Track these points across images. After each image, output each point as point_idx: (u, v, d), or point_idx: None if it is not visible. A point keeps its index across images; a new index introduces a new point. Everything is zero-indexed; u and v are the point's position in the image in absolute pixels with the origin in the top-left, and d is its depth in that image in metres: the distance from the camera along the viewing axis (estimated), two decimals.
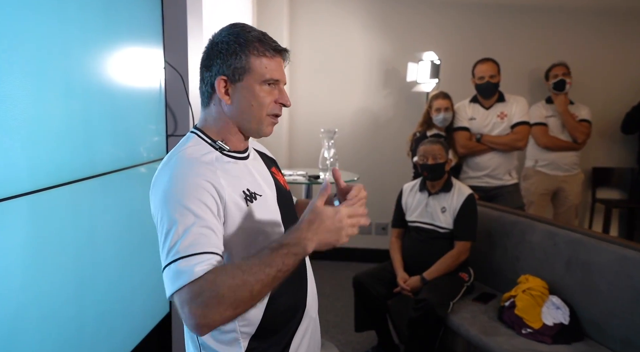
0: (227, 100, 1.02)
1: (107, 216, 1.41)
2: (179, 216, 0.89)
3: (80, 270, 1.28)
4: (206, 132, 1.05)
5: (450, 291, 2.34)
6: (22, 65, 1.06)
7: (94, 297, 1.35)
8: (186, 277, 0.84)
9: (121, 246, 1.50)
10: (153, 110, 1.68)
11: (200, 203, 0.91)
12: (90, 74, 1.31)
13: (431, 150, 2.48)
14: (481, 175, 3.08)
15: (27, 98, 1.07)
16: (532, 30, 3.79)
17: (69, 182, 1.21)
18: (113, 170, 1.43)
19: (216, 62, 1.01)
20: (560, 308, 2.10)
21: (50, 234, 1.16)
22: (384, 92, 4.00)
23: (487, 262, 2.60)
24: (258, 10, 3.73)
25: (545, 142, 3.25)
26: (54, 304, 1.18)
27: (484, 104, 3.07)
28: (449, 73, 3.74)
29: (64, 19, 1.20)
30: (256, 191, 1.03)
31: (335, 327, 2.96)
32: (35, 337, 1.12)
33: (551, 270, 2.25)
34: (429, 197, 2.53)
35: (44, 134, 1.13)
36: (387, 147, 4.00)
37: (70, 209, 1.23)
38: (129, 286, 1.55)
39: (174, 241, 0.88)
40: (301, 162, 4.00)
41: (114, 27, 1.43)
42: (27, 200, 1.06)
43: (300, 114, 4.07)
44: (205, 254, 0.88)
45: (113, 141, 1.42)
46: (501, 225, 2.58)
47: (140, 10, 1.58)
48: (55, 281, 1.18)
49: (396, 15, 3.89)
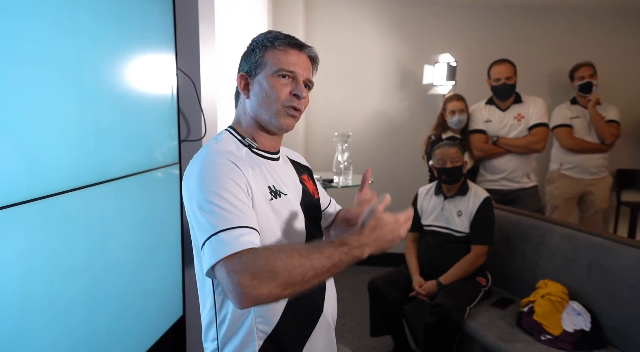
0: (246, 95, 1.07)
1: (120, 220, 1.43)
2: (214, 195, 0.90)
3: (92, 273, 1.30)
4: (237, 130, 1.09)
5: (466, 295, 2.30)
6: (35, 73, 1.08)
7: (106, 300, 1.36)
8: (232, 247, 0.84)
9: (134, 250, 1.52)
10: (165, 115, 1.70)
11: (234, 183, 0.93)
12: (102, 81, 1.33)
13: (448, 154, 2.45)
14: (498, 178, 3.03)
15: (38, 104, 1.09)
16: (551, 31, 3.72)
17: (81, 187, 1.23)
18: (126, 175, 1.45)
19: (242, 62, 1.10)
20: (581, 314, 2.04)
21: (62, 238, 1.18)
22: (400, 95, 3.97)
23: (505, 267, 2.55)
24: (274, 15, 3.75)
25: (571, 144, 3.16)
26: (66, 307, 1.20)
27: (501, 106, 3.02)
28: (466, 75, 3.70)
29: (75, 26, 1.22)
30: (281, 189, 1.05)
31: (352, 332, 2.94)
32: (46, 340, 1.14)
33: (571, 275, 2.19)
34: (445, 201, 2.50)
35: (55, 140, 1.15)
36: (403, 150, 3.97)
37: (82, 213, 1.25)
38: (141, 290, 1.57)
39: (212, 217, 0.88)
40: (318, 166, 4.00)
41: (125, 33, 1.45)
42: (38, 205, 1.08)
43: (317, 118, 4.07)
44: (247, 228, 0.89)
45: (125, 146, 1.44)
46: (520, 229, 2.53)
47: (152, 17, 1.60)
48: (66, 284, 1.20)
49: (412, 18, 3.87)
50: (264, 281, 0.80)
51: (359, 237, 0.88)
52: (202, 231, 0.89)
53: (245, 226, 0.88)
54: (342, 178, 2.48)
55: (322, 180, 2.41)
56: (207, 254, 0.87)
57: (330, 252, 0.85)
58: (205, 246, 0.88)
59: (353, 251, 0.86)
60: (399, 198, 3.63)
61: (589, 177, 3.18)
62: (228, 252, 0.83)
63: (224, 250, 0.84)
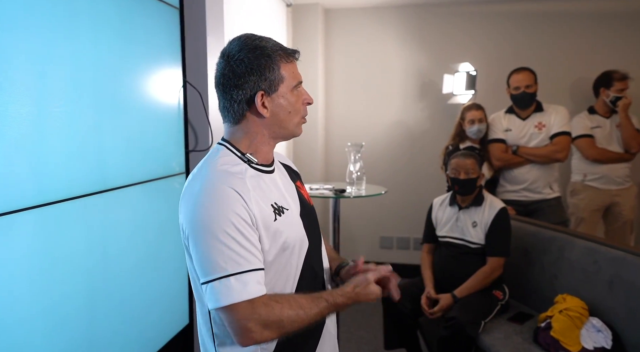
0: (265, 113, 1.01)
1: (126, 227, 1.47)
2: (222, 232, 0.91)
3: (92, 282, 1.33)
4: (235, 145, 1.05)
5: (482, 309, 2.24)
6: (37, 83, 1.14)
7: (107, 309, 1.39)
8: (241, 295, 0.90)
9: (137, 259, 1.55)
10: (171, 126, 1.75)
11: (239, 217, 0.93)
12: (104, 92, 1.37)
13: (464, 165, 2.40)
14: (519, 188, 2.95)
15: (39, 115, 1.15)
16: (575, 38, 3.61)
17: (88, 194, 1.28)
18: (132, 183, 1.49)
19: (250, 79, 0.99)
20: (601, 331, 1.95)
21: (60, 246, 1.22)
22: (421, 105, 3.94)
23: (524, 280, 2.47)
24: (293, 26, 3.80)
25: (594, 154, 3.04)
26: (64, 315, 1.23)
27: (521, 115, 2.95)
28: (486, 84, 3.63)
29: (77, 38, 1.27)
30: (283, 205, 1.04)
31: (368, 344, 2.90)
32: (44, 348, 1.17)
33: (592, 290, 2.10)
34: (460, 212, 2.45)
35: (63, 149, 1.20)
36: (422, 159, 3.92)
37: (93, 219, 1.29)
38: (144, 298, 1.59)
39: (220, 257, 0.91)
40: (337, 176, 4.00)
41: (129, 45, 1.50)
42: (34, 213, 1.13)
43: (337, 128, 4.08)
44: (255, 271, 0.93)
45: (127, 156, 1.48)
46: (538, 241, 2.45)
47: (159, 30, 1.65)
48: (65, 292, 1.23)
49: (431, 27, 3.84)
50: (271, 330, 0.93)
51: (345, 300, 1.04)
52: (207, 269, 0.92)
53: (253, 269, 0.93)
54: (354, 188, 2.46)
55: (335, 190, 2.40)
56: (212, 295, 0.91)
57: (326, 310, 1.01)
58: (210, 286, 0.91)
59: (338, 307, 1.04)
60: (419, 207, 3.59)
61: (615, 188, 3.05)
62: (238, 299, 0.90)
63: (234, 297, 0.90)
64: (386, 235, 4.12)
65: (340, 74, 4.02)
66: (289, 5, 3.69)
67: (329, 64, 4.04)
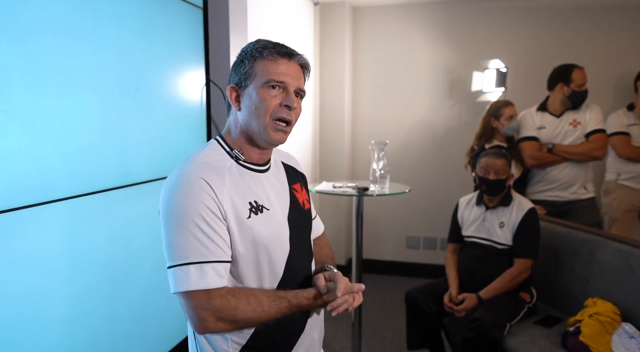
0: (236, 107, 1.04)
1: (142, 223, 1.50)
2: (190, 221, 0.93)
3: (114, 273, 1.38)
4: (226, 140, 1.07)
5: (507, 311, 2.18)
6: (66, 81, 1.18)
7: (127, 300, 1.43)
8: (200, 284, 0.92)
9: (158, 253, 1.58)
10: (194, 124, 1.78)
11: (207, 209, 0.94)
12: (128, 90, 1.42)
13: (494, 165, 2.34)
14: (552, 188, 2.85)
15: (69, 111, 1.19)
16: (615, 32, 3.47)
17: (105, 190, 1.32)
18: (152, 180, 1.53)
19: (231, 74, 1.08)
20: (634, 337, 1.87)
21: (85, 237, 1.26)
22: (450, 103, 3.87)
23: (554, 283, 2.39)
24: (321, 24, 3.81)
25: (629, 153, 2.92)
26: (87, 304, 1.28)
27: (555, 112, 2.86)
28: (516, 81, 3.54)
29: (102, 39, 1.31)
30: (264, 204, 1.04)
31: (391, 344, 2.88)
32: (68, 337, 1.22)
33: (625, 294, 2.01)
34: (487, 212, 2.39)
35: (81, 145, 1.24)
36: (450, 157, 3.86)
37: (105, 215, 1.33)
38: (165, 291, 1.62)
39: (184, 244, 0.92)
40: (363, 174, 3.98)
41: (153, 44, 1.54)
42: (64, 205, 1.18)
43: (363, 126, 4.06)
44: (217, 263, 0.94)
45: (151, 152, 1.52)
46: (569, 242, 2.36)
47: (182, 29, 1.69)
48: (89, 282, 1.28)
49: (460, 24, 3.77)
50: (225, 323, 0.95)
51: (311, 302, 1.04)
52: (171, 254, 0.94)
53: (215, 260, 0.94)
54: (378, 187, 2.44)
55: (358, 188, 2.38)
56: (172, 280, 0.93)
57: (287, 310, 1.00)
58: (172, 271, 0.93)
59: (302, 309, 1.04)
60: (446, 207, 3.54)
61: None
62: (194, 287, 0.92)
63: (190, 284, 0.92)
64: (413, 234, 4.08)
65: (367, 72, 4.00)
66: (316, 3, 3.69)
67: (356, 62, 4.02)
